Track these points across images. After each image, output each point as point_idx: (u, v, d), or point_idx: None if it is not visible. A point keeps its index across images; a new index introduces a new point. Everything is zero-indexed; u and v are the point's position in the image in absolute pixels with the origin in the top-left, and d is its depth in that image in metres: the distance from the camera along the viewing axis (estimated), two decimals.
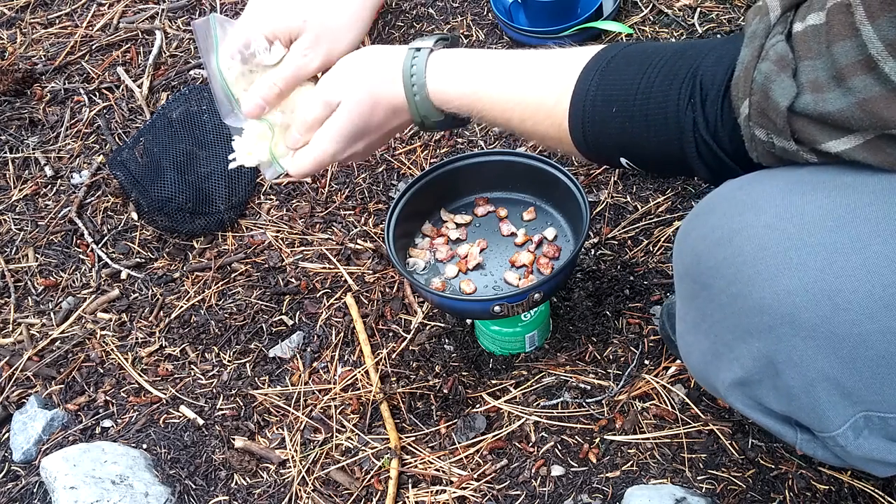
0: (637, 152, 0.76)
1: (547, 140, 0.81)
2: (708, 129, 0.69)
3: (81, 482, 1.11)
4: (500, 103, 0.81)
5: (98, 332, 1.35)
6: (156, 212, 1.42)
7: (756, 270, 0.62)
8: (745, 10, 1.57)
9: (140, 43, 1.79)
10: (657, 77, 0.71)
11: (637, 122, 0.72)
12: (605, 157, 0.79)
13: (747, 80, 0.63)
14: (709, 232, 0.67)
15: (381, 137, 0.89)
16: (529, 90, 0.80)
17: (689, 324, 0.74)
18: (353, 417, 1.19)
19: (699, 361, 0.74)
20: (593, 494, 1.07)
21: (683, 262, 0.71)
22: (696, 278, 0.69)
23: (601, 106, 0.74)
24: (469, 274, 1.13)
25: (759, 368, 0.66)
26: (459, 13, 1.70)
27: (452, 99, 0.83)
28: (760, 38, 0.63)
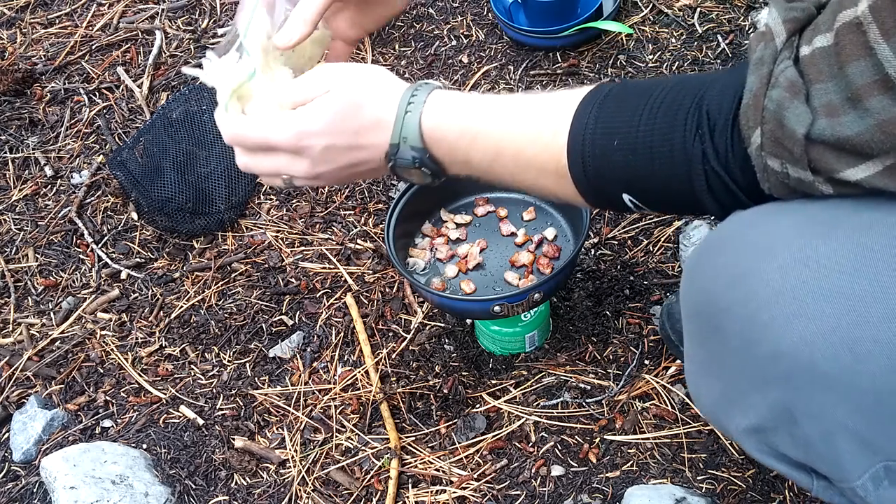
0: (641, 187, 0.72)
1: (542, 179, 0.76)
2: (719, 160, 0.65)
3: (81, 482, 1.11)
4: (493, 135, 0.76)
5: (98, 332, 1.35)
6: (156, 212, 1.42)
7: (771, 316, 0.60)
8: (744, 10, 1.57)
9: (140, 43, 1.79)
10: (660, 108, 0.68)
11: (641, 154, 0.69)
12: (607, 195, 0.74)
13: (757, 109, 0.60)
14: (720, 272, 0.64)
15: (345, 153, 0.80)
16: (525, 122, 0.76)
17: (699, 365, 0.71)
18: (353, 417, 1.19)
19: (710, 403, 0.72)
20: (593, 494, 1.07)
21: (693, 301, 0.68)
22: (708, 320, 0.66)
23: (601, 138, 0.71)
24: (469, 274, 1.13)
25: (774, 417, 0.64)
26: (459, 13, 1.70)
27: (443, 127, 0.77)
28: (768, 65, 0.60)
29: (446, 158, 0.79)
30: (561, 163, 0.73)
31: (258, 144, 0.80)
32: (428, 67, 1.62)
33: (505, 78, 1.57)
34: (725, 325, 0.64)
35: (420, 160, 0.78)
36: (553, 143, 0.73)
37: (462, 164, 0.79)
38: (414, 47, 1.66)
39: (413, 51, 1.66)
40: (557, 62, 1.56)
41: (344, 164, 0.80)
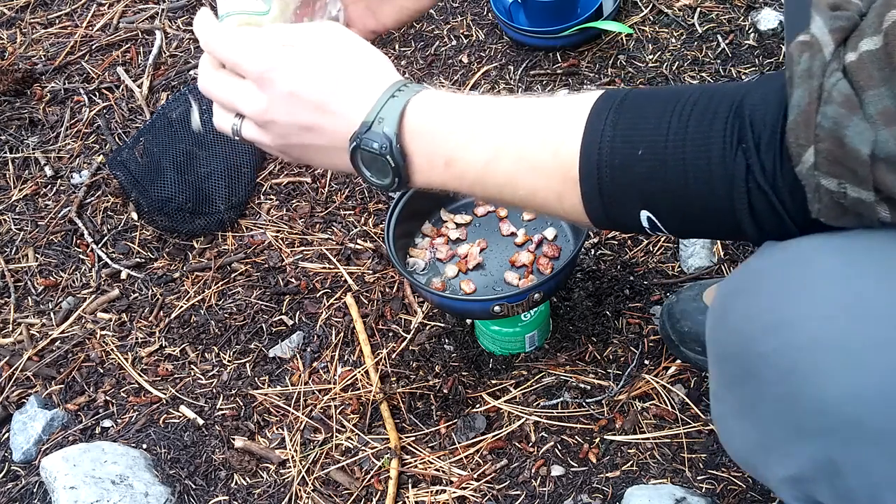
0: (668, 204, 0.64)
1: (541, 191, 0.68)
2: (766, 177, 0.58)
3: (81, 482, 1.11)
4: (492, 136, 0.68)
5: (98, 332, 1.35)
6: (156, 212, 1.42)
7: (814, 367, 0.56)
8: (744, 10, 1.57)
9: (140, 43, 1.79)
10: (691, 115, 0.61)
11: (671, 167, 0.62)
12: (621, 211, 0.66)
13: (809, 126, 0.55)
14: (755, 315, 0.60)
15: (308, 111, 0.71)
16: (531, 125, 0.68)
17: (732, 408, 0.66)
18: (353, 417, 1.19)
19: (743, 450, 0.68)
20: (593, 494, 1.07)
21: (724, 343, 0.64)
22: (741, 365, 0.61)
23: (622, 147, 0.63)
24: (469, 274, 1.13)
25: (816, 468, 0.60)
26: (459, 13, 1.70)
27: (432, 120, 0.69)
28: (817, 78, 0.55)
29: (423, 157, 0.70)
30: (570, 173, 0.66)
31: (228, 59, 0.72)
32: (428, 67, 1.62)
33: (505, 78, 1.57)
34: (763, 372, 0.59)
35: (388, 148, 0.68)
36: (563, 148, 0.66)
37: (442, 167, 0.70)
38: (414, 47, 1.66)
39: (413, 51, 1.66)
40: (557, 62, 1.56)
41: (301, 122, 0.72)
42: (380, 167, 0.70)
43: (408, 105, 0.69)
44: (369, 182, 0.72)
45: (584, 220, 0.68)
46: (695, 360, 1.14)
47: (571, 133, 0.65)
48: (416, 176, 0.71)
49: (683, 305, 1.14)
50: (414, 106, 0.69)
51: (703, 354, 1.12)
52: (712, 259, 1.26)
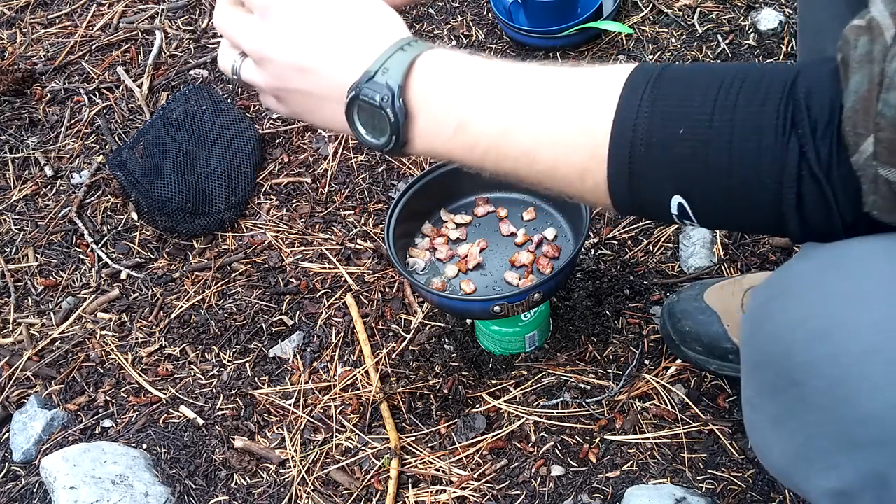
0: (706, 190, 0.59)
1: (562, 167, 0.63)
2: (820, 165, 0.54)
3: (81, 482, 1.11)
4: (513, 103, 0.63)
5: (98, 332, 1.35)
6: (156, 212, 1.42)
7: (864, 376, 0.53)
8: (744, 10, 1.57)
9: (140, 43, 1.79)
10: (740, 94, 0.57)
11: (716, 149, 0.57)
12: (650, 197, 0.61)
13: (868, 114, 0.52)
14: (799, 321, 0.57)
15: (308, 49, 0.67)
16: (558, 95, 0.62)
17: (769, 417, 0.63)
18: (353, 417, 1.19)
19: (782, 460, 0.65)
20: (593, 494, 1.07)
21: (764, 350, 0.60)
22: (783, 373, 0.58)
23: (661, 125, 0.58)
24: (469, 274, 1.13)
25: (863, 481, 0.57)
26: (459, 13, 1.70)
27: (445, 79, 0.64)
28: (878, 63, 0.52)
29: (430, 118, 0.65)
30: (598, 149, 0.60)
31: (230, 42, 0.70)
32: None
33: None
34: (807, 381, 0.56)
35: (389, 101, 0.63)
36: (592, 122, 0.60)
37: (451, 132, 0.64)
38: None
39: None
40: (557, 62, 1.56)
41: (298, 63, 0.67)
42: (377, 123, 0.65)
43: (418, 59, 0.64)
44: (364, 141, 0.67)
45: (605, 202, 0.63)
46: (695, 359, 1.14)
47: (603, 106, 0.60)
48: (417, 139, 0.66)
49: (684, 305, 1.14)
50: (425, 61, 0.64)
51: (703, 354, 1.12)
52: (712, 259, 1.26)
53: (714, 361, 1.12)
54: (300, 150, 1.54)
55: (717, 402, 1.13)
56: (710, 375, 1.15)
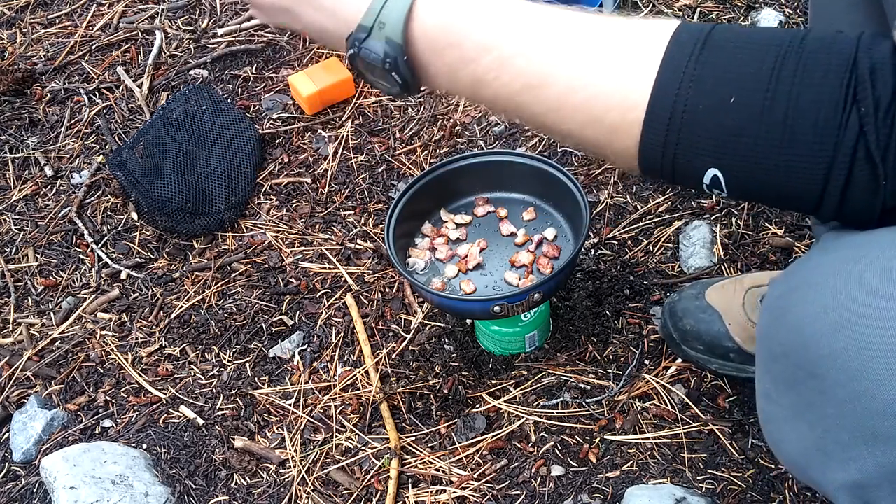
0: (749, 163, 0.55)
1: (589, 130, 0.58)
2: (879, 145, 0.51)
3: (81, 482, 1.11)
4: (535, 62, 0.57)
5: (98, 332, 1.35)
6: (156, 212, 1.42)
7: (888, 368, 0.52)
8: (744, 10, 1.57)
9: (140, 43, 1.79)
10: (800, 63, 0.52)
11: (770, 120, 0.53)
12: (684, 165, 0.57)
13: None
14: (821, 313, 0.55)
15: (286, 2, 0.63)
16: (587, 52, 0.56)
17: (786, 409, 0.62)
18: (353, 417, 1.19)
19: (797, 452, 0.64)
20: (593, 494, 1.07)
21: (782, 342, 0.59)
22: (803, 364, 0.57)
23: (710, 90, 0.54)
24: (469, 274, 1.13)
25: (882, 475, 0.56)
26: None
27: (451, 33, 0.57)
28: None
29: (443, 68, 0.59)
30: (633, 112, 0.56)
31: None
32: None
33: None
34: (827, 373, 0.55)
35: (393, 62, 0.58)
36: (629, 83, 0.55)
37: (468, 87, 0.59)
38: None
39: None
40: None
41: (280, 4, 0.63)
42: (384, 77, 0.60)
43: (416, 7, 0.58)
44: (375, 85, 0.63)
45: (631, 165, 0.59)
46: (696, 358, 1.14)
47: (643, 66, 0.55)
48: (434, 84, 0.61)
49: (685, 304, 1.14)
50: (426, 10, 0.58)
51: (704, 353, 1.12)
52: (712, 259, 1.26)
53: (715, 361, 1.12)
54: (300, 150, 1.54)
55: (717, 402, 1.13)
56: (710, 375, 1.15)
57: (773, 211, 1.31)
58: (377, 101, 1.59)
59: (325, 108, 1.59)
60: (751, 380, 1.12)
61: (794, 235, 1.28)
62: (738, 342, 1.10)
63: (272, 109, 1.62)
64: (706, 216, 1.32)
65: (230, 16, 1.81)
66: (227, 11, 1.82)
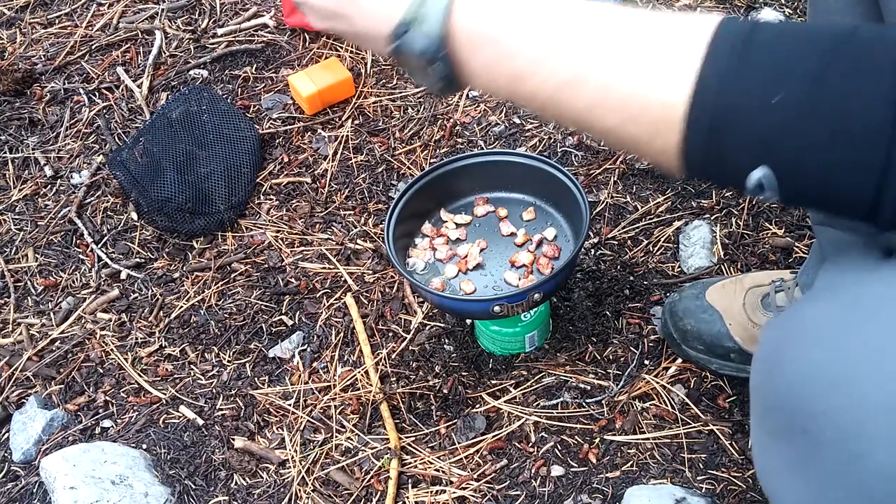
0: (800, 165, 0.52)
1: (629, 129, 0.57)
2: None
3: (81, 482, 1.11)
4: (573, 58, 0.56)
5: (98, 332, 1.35)
6: (155, 212, 1.42)
7: (881, 431, 0.50)
8: (744, 10, 1.57)
9: (140, 43, 1.79)
10: (849, 61, 0.50)
11: (820, 119, 0.50)
12: (728, 166, 0.55)
13: None
14: (817, 369, 0.54)
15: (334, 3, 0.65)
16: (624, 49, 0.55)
17: (780, 463, 0.60)
18: (352, 417, 1.19)
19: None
20: (593, 494, 1.07)
21: (776, 395, 0.58)
22: (797, 420, 0.55)
23: (756, 88, 0.52)
24: (469, 274, 1.13)
25: None
26: None
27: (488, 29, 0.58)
28: None
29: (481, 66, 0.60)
30: (673, 110, 0.54)
31: None
32: None
33: None
34: (823, 431, 0.54)
35: (431, 54, 0.59)
36: (670, 81, 0.54)
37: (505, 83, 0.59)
38: None
39: None
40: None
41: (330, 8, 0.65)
42: (426, 73, 0.61)
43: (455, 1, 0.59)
44: (420, 82, 0.63)
45: (671, 165, 0.58)
46: (696, 358, 1.14)
47: (684, 63, 0.54)
48: (474, 82, 0.61)
49: (686, 304, 1.14)
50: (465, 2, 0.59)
51: (704, 353, 1.12)
52: (712, 259, 1.26)
53: (715, 361, 1.12)
54: (300, 150, 1.54)
55: (717, 402, 1.13)
56: (710, 375, 1.15)
57: (773, 211, 1.31)
58: (377, 101, 1.59)
59: (325, 108, 1.59)
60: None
61: (794, 235, 1.28)
62: (738, 342, 1.10)
63: (272, 109, 1.62)
64: (706, 216, 1.32)
65: (230, 16, 1.81)
66: (227, 11, 1.82)
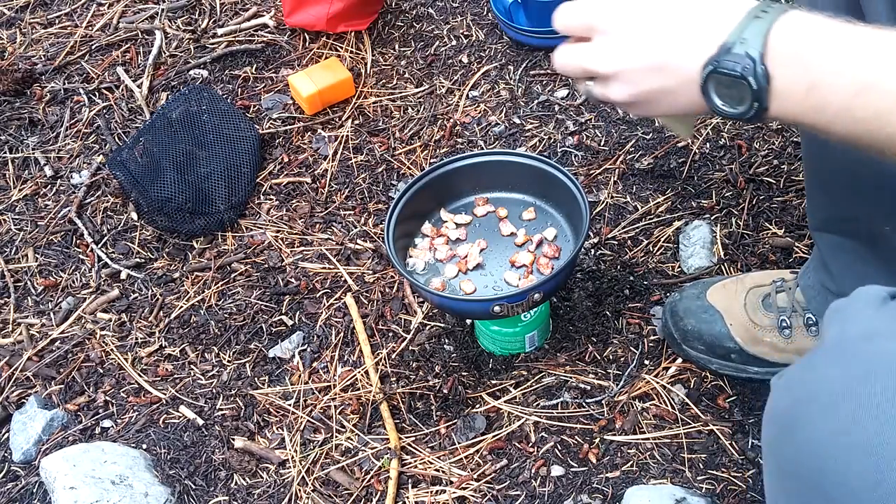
0: None
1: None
2: None
3: (81, 482, 1.11)
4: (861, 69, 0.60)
5: (98, 332, 1.35)
6: (155, 212, 1.42)
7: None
8: None
9: (140, 43, 1.79)
10: None
11: None
12: None
13: None
14: (833, 437, 0.54)
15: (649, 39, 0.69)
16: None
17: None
18: (353, 417, 1.19)
19: None
20: (593, 495, 1.07)
21: (794, 460, 0.57)
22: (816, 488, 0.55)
23: None
24: (469, 274, 1.13)
25: None
26: (459, 13, 1.70)
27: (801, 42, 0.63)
28: None
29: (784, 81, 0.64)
30: None
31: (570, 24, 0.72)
32: (428, 67, 1.62)
33: (505, 78, 1.57)
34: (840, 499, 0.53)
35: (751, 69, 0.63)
36: None
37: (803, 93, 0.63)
38: (414, 47, 1.66)
39: (413, 51, 1.66)
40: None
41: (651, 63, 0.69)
42: (736, 93, 0.66)
43: (773, 26, 0.64)
44: (719, 112, 0.68)
45: None
46: (696, 358, 1.14)
47: None
48: (773, 102, 0.66)
49: (687, 303, 1.14)
50: (780, 27, 0.64)
51: (705, 353, 1.12)
52: (712, 259, 1.26)
53: (715, 361, 1.12)
54: (300, 150, 1.54)
55: (717, 402, 1.13)
56: (710, 375, 1.15)
57: (773, 211, 1.31)
58: (377, 101, 1.59)
59: (325, 108, 1.59)
60: (752, 380, 1.12)
61: (794, 235, 1.28)
62: (739, 342, 1.10)
63: (272, 109, 1.62)
64: (706, 216, 1.32)
65: (230, 16, 1.81)
66: (227, 11, 1.82)
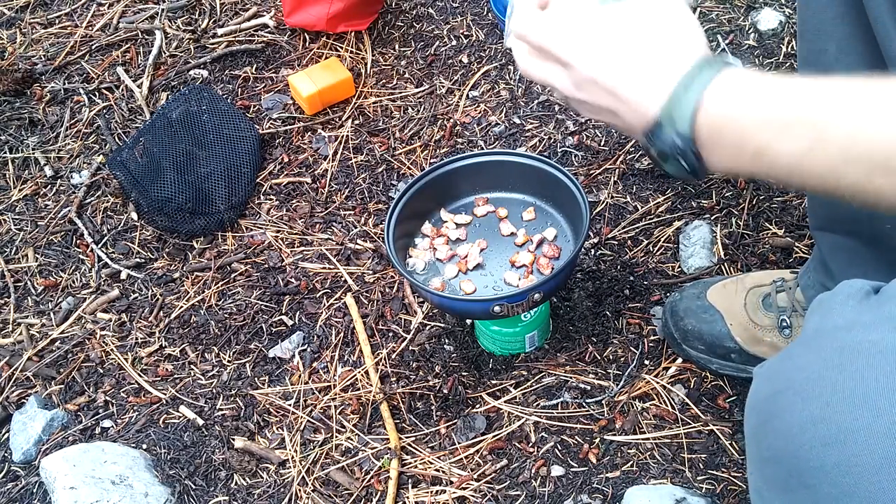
0: None
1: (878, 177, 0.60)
2: None
3: (81, 482, 1.11)
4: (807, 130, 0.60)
5: (98, 332, 1.35)
6: (156, 212, 1.42)
7: (880, 488, 0.51)
8: (744, 10, 1.57)
9: (140, 43, 1.79)
10: None
11: None
12: None
13: None
14: (808, 424, 0.55)
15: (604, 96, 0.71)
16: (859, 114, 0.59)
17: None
18: (353, 417, 1.19)
19: None
20: (593, 495, 1.07)
21: (772, 447, 0.59)
22: (793, 473, 0.57)
23: None
24: (469, 274, 1.13)
25: None
26: (459, 13, 1.70)
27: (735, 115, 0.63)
28: None
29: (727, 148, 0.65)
30: None
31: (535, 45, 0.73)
32: (428, 67, 1.62)
33: (505, 78, 1.57)
34: (819, 486, 0.55)
35: (680, 151, 0.65)
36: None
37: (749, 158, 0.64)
38: (414, 47, 1.66)
39: (413, 51, 1.66)
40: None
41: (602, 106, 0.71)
42: (674, 163, 0.68)
43: (704, 97, 0.64)
44: (667, 170, 0.70)
45: None
46: (696, 357, 1.14)
47: None
48: (715, 166, 0.67)
49: (687, 303, 1.14)
50: (714, 96, 0.64)
51: (705, 353, 1.12)
52: (712, 259, 1.26)
53: (715, 360, 1.12)
54: (300, 150, 1.54)
55: (717, 402, 1.13)
56: (710, 375, 1.15)
57: (773, 211, 1.31)
58: (377, 101, 1.59)
59: (325, 108, 1.59)
60: (752, 380, 1.12)
61: (794, 235, 1.28)
62: (739, 342, 1.10)
63: (272, 109, 1.62)
64: (706, 216, 1.32)
65: (230, 16, 1.81)
66: (227, 11, 1.82)
